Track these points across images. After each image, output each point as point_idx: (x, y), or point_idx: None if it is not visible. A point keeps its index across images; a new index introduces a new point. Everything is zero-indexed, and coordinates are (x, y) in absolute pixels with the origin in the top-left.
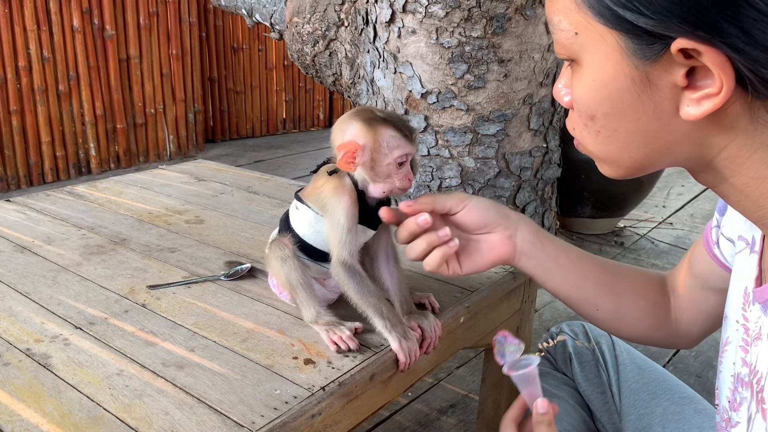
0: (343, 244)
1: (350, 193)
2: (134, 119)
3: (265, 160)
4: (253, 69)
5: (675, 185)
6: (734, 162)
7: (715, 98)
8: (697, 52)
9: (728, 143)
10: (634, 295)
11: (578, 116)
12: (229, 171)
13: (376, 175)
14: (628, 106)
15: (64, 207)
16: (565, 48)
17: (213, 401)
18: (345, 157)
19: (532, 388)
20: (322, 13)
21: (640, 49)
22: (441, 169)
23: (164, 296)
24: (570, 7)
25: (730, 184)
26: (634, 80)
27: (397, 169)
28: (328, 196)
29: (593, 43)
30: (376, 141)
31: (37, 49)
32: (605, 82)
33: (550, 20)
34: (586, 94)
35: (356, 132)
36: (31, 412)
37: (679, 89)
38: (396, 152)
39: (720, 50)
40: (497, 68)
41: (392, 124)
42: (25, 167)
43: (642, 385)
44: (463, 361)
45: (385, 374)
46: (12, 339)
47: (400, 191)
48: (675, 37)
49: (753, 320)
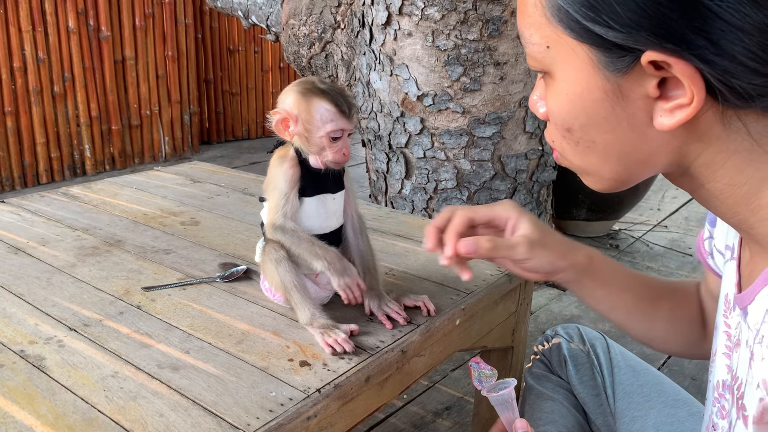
0: (278, 208)
1: (291, 160)
2: (129, 120)
3: (260, 162)
4: (248, 71)
5: (670, 188)
6: (710, 169)
7: (687, 108)
8: (666, 63)
9: (703, 151)
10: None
11: (555, 128)
12: (225, 172)
13: (310, 145)
14: (603, 118)
15: (58, 208)
16: (537, 61)
17: (208, 403)
18: (279, 124)
19: (510, 411)
20: (318, 15)
21: (610, 61)
22: (437, 171)
23: (159, 298)
24: (541, 21)
25: (706, 190)
26: (607, 92)
27: (330, 143)
28: (272, 168)
29: (565, 57)
30: (309, 113)
31: (32, 49)
32: (579, 95)
33: (522, 34)
34: (561, 107)
35: (291, 102)
36: (25, 414)
37: (651, 100)
38: (328, 126)
39: (689, 62)
40: (493, 71)
41: (329, 97)
42: (19, 168)
43: (636, 387)
44: (459, 363)
45: (381, 376)
46: (6, 340)
47: (335, 165)
48: (644, 49)
49: (733, 326)
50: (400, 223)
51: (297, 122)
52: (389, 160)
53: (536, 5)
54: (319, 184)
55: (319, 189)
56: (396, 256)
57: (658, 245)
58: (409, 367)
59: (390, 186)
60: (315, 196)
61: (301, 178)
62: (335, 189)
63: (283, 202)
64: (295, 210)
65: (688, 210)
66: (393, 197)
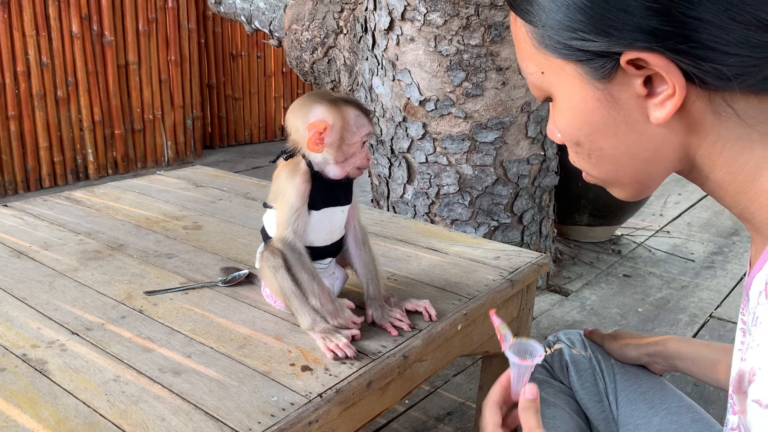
0: (288, 223)
1: (303, 174)
2: (132, 125)
3: (262, 167)
4: (251, 75)
5: (672, 194)
6: (710, 159)
7: (674, 97)
8: (643, 61)
9: (701, 142)
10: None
11: (569, 147)
12: (227, 177)
13: (342, 154)
14: (603, 125)
15: (61, 212)
16: (538, 89)
17: (210, 407)
18: (314, 137)
19: (525, 376)
20: (321, 20)
21: (594, 70)
22: (439, 176)
23: (161, 302)
24: (532, 53)
25: (711, 181)
26: (599, 100)
27: (361, 148)
28: (282, 180)
29: (558, 77)
30: (345, 120)
31: (35, 54)
32: (577, 108)
33: (522, 69)
34: (566, 123)
35: (323, 112)
36: (27, 418)
37: (642, 99)
38: (363, 130)
39: (661, 54)
40: (495, 76)
41: (355, 105)
42: (22, 172)
43: (639, 394)
44: (461, 368)
45: (383, 381)
46: (8, 344)
47: (359, 172)
48: (620, 51)
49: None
50: (402, 228)
51: (332, 132)
52: (391, 165)
53: (525, 40)
54: (329, 197)
55: (329, 202)
56: (398, 260)
57: (660, 251)
58: (411, 372)
59: (392, 191)
60: (323, 209)
61: (312, 192)
62: (345, 201)
63: (294, 218)
64: (305, 226)
65: (690, 215)
66: (395, 202)
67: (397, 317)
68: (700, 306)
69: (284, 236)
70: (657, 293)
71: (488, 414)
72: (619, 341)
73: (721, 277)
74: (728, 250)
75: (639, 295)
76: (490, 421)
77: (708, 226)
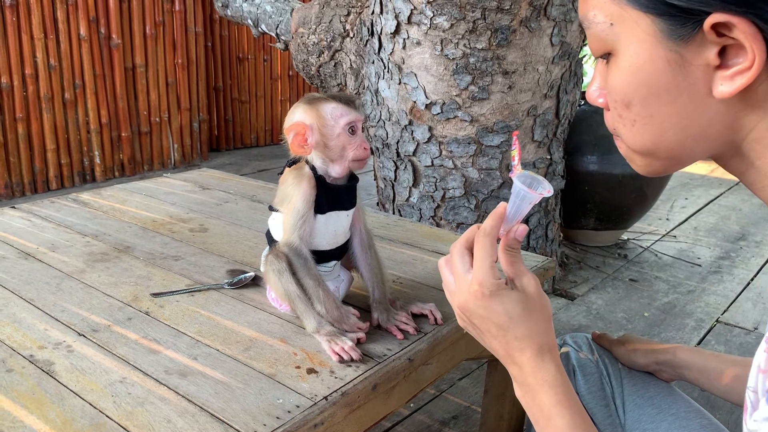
0: (294, 228)
1: (308, 179)
2: (139, 127)
3: (268, 170)
4: (257, 79)
5: (678, 198)
6: (761, 143)
7: (747, 73)
8: (730, 25)
9: (757, 123)
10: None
11: (613, 109)
12: (234, 180)
13: (331, 151)
14: (663, 89)
15: (68, 214)
16: (600, 41)
17: (215, 409)
18: (295, 140)
19: (524, 209)
20: (327, 24)
21: (674, 29)
22: (444, 179)
23: (167, 304)
24: (604, 0)
25: (756, 168)
26: (669, 61)
27: (349, 139)
28: (288, 185)
29: (628, 31)
30: (320, 117)
31: (43, 57)
32: (641, 66)
33: (585, 18)
34: (623, 81)
35: (300, 114)
36: (34, 419)
37: (711, 69)
38: (342, 120)
39: (752, 22)
40: (501, 80)
41: (332, 98)
42: (30, 174)
43: (647, 399)
44: (466, 372)
45: (388, 384)
46: (15, 345)
47: (359, 163)
48: (709, 11)
49: None
50: (408, 231)
51: (312, 131)
52: (397, 168)
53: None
54: (334, 201)
55: (334, 206)
56: (403, 264)
57: (666, 255)
58: (417, 375)
59: (397, 194)
60: (328, 212)
61: (317, 196)
62: (350, 205)
63: (300, 223)
64: (311, 231)
65: (697, 220)
66: (400, 205)
67: (402, 320)
68: (707, 311)
69: (290, 241)
70: (663, 298)
71: (482, 245)
72: (627, 346)
73: (728, 281)
74: (735, 254)
75: (645, 299)
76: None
77: (715, 231)
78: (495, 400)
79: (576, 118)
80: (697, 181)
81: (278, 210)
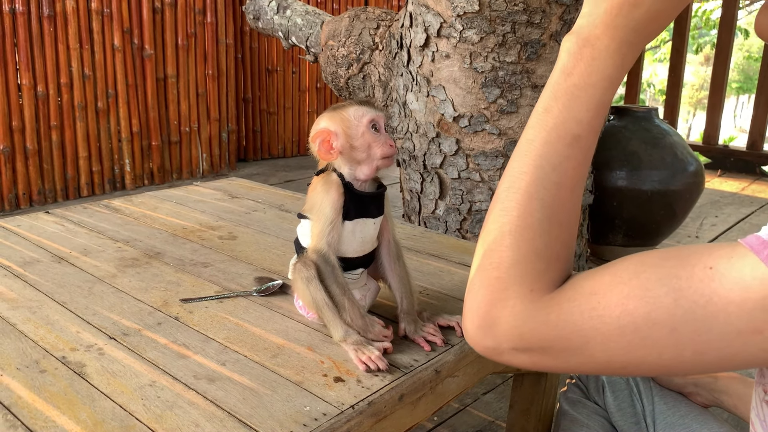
0: (323, 235)
1: (337, 186)
2: (169, 137)
3: (295, 180)
4: (286, 90)
5: (708, 216)
6: None
7: None
8: None
9: None
10: None
11: None
12: (262, 189)
13: (357, 151)
14: None
15: (100, 220)
16: None
17: (243, 415)
18: (322, 147)
19: None
20: (357, 36)
21: None
22: (471, 192)
23: (197, 310)
24: None
25: None
26: None
27: (374, 136)
28: (317, 193)
29: None
30: (344, 119)
31: (78, 66)
32: None
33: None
34: None
35: (325, 122)
36: (66, 419)
37: None
38: (365, 119)
39: None
40: (530, 93)
41: (354, 102)
42: (62, 181)
43: (678, 417)
44: (491, 387)
45: (414, 395)
46: (48, 347)
47: (387, 161)
48: None
49: None
50: (435, 243)
51: (338, 136)
52: (423, 181)
53: None
54: (362, 208)
55: (362, 213)
56: (430, 275)
57: None
58: (442, 387)
59: (423, 206)
60: (356, 219)
61: (345, 203)
62: (377, 214)
63: (329, 229)
64: (339, 237)
65: (727, 238)
66: (426, 217)
67: (430, 332)
68: None
69: (319, 248)
70: None
71: None
72: None
73: None
74: None
75: None
76: None
77: None
78: (520, 415)
79: (605, 133)
80: (727, 199)
81: (307, 217)
